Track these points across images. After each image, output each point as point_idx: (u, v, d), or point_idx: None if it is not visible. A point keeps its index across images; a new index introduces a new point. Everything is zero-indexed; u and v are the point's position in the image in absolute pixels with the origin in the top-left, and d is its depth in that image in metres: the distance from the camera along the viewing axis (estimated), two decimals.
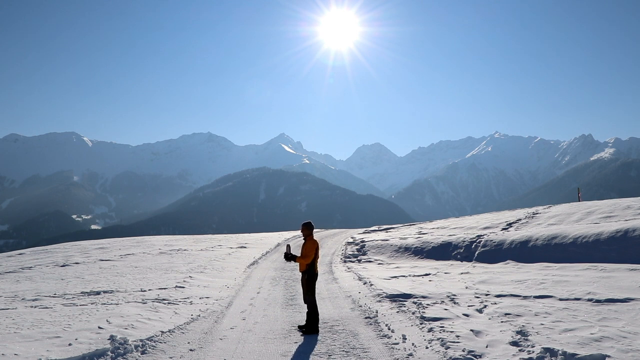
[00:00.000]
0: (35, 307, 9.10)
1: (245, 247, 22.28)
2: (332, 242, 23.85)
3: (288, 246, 7.47)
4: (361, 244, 20.00)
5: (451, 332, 6.69)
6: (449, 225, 21.63)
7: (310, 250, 7.35)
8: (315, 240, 7.54)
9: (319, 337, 7.02)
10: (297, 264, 7.56)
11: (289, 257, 7.40)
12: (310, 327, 7.30)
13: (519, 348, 5.88)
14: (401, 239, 19.49)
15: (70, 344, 6.25)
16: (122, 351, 6.20)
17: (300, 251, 7.59)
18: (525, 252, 13.71)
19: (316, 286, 11.61)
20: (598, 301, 8.14)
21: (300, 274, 7.69)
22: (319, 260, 7.75)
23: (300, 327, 7.52)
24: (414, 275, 12.59)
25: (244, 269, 15.30)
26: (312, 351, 6.38)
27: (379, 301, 9.36)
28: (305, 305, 7.49)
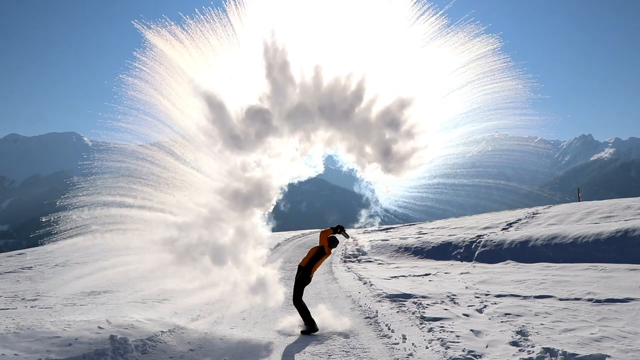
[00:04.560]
0: (35, 307, 9.10)
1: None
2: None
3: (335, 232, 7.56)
4: (361, 243, 19.99)
5: (451, 332, 6.69)
6: (449, 225, 21.63)
7: (324, 240, 7.48)
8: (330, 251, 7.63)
9: (319, 337, 7.03)
10: (301, 262, 7.65)
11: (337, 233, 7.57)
12: (310, 328, 7.30)
13: (519, 348, 5.88)
14: (401, 239, 19.49)
15: (70, 344, 6.24)
16: (122, 351, 6.20)
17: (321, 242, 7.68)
18: (525, 252, 13.71)
19: (316, 286, 11.63)
20: (598, 301, 8.14)
21: (296, 269, 7.72)
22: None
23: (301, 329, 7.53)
24: (414, 275, 12.59)
25: None
26: (312, 351, 6.38)
27: (379, 301, 9.36)
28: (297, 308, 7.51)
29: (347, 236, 7.79)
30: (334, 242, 7.59)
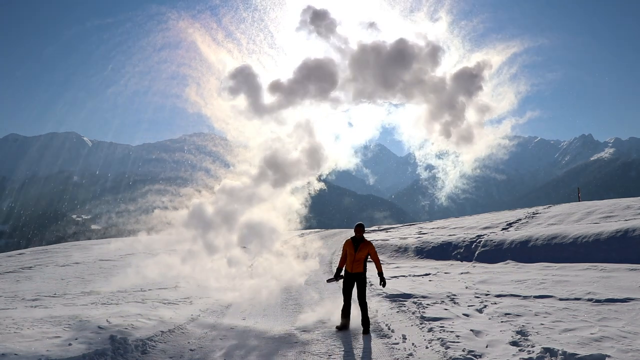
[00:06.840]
0: (35, 307, 9.10)
1: (245, 248, 22.22)
2: (332, 241, 23.84)
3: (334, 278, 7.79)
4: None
5: (451, 332, 6.69)
6: (449, 225, 21.62)
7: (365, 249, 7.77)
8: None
9: (319, 337, 7.03)
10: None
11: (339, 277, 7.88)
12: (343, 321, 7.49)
13: (519, 348, 5.88)
14: (401, 239, 19.48)
15: (70, 344, 6.24)
16: (122, 351, 6.20)
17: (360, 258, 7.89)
18: (525, 252, 13.71)
19: (316, 286, 11.64)
20: (598, 301, 8.14)
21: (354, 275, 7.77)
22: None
23: (338, 328, 7.49)
24: (414, 275, 12.59)
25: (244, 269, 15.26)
26: (312, 351, 6.38)
27: (379, 301, 9.37)
28: (349, 304, 7.64)
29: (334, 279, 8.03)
30: (357, 237, 7.76)
